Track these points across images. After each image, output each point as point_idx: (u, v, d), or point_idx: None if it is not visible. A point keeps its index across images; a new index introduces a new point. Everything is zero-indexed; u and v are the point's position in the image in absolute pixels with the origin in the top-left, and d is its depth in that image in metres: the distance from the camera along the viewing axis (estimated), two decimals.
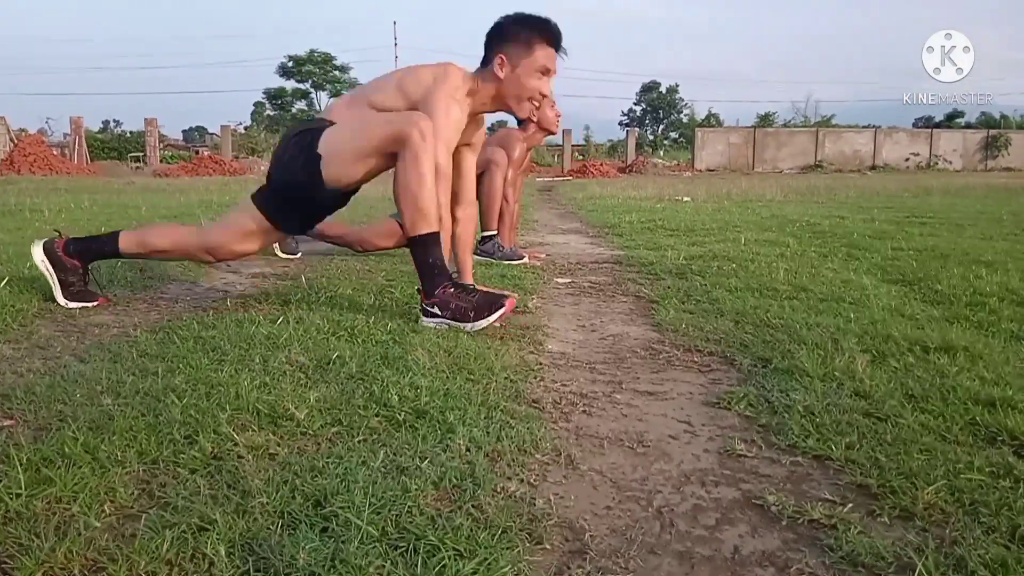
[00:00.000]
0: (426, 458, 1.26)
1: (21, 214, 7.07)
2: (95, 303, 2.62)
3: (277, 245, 4.28)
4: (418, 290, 2.35)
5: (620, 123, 60.21)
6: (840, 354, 1.92)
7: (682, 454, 1.40)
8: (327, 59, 42.39)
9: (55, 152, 26.93)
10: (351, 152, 2.38)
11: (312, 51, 42.61)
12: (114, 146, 33.36)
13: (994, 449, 1.36)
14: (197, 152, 34.99)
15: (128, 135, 34.98)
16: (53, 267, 2.61)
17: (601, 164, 27.61)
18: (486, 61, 2.54)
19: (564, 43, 2.55)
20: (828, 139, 32.63)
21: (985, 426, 1.45)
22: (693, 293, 2.90)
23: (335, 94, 43.88)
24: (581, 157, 31.96)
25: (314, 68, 42.37)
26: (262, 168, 26.48)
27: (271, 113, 46.13)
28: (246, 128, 39.18)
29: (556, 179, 23.82)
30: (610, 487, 1.24)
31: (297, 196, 2.51)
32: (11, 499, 1.09)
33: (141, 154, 29.82)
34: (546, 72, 2.52)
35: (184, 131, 58.99)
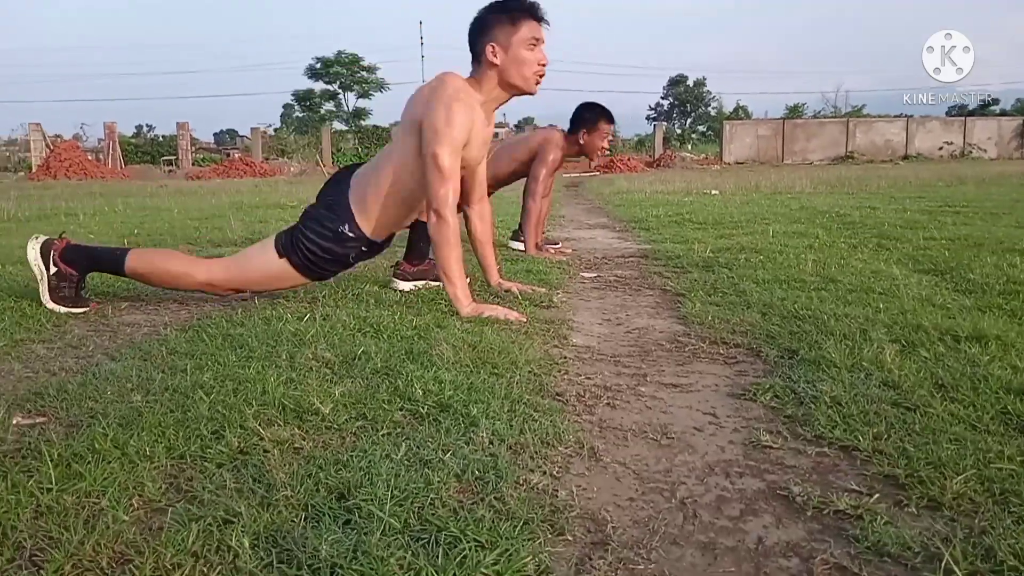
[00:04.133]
0: (449, 451, 1.26)
1: (56, 218, 7.22)
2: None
3: None
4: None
5: (647, 117, 59.84)
6: (869, 344, 1.89)
7: (706, 446, 1.39)
8: (354, 60, 42.59)
9: (90, 157, 27.38)
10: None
11: (340, 52, 42.86)
12: (147, 150, 33.79)
13: None
14: (228, 155, 35.37)
15: (161, 139, 35.41)
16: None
17: (628, 159, 27.45)
18: (477, 58, 2.54)
19: (547, 16, 2.56)
20: (859, 129, 32.16)
21: (1017, 415, 1.42)
22: (720, 286, 2.87)
23: (363, 95, 44.16)
24: (608, 152, 31.81)
25: (342, 69, 42.58)
26: (292, 169, 26.85)
27: (300, 115, 46.47)
28: (276, 130, 39.52)
29: (583, 174, 23.74)
30: (633, 479, 1.24)
31: (327, 250, 2.58)
32: (42, 494, 1.11)
33: (173, 157, 30.21)
34: (536, 42, 2.52)
35: (215, 134, 59.68)
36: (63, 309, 2.55)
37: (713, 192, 10.22)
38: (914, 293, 2.58)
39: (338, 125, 39.58)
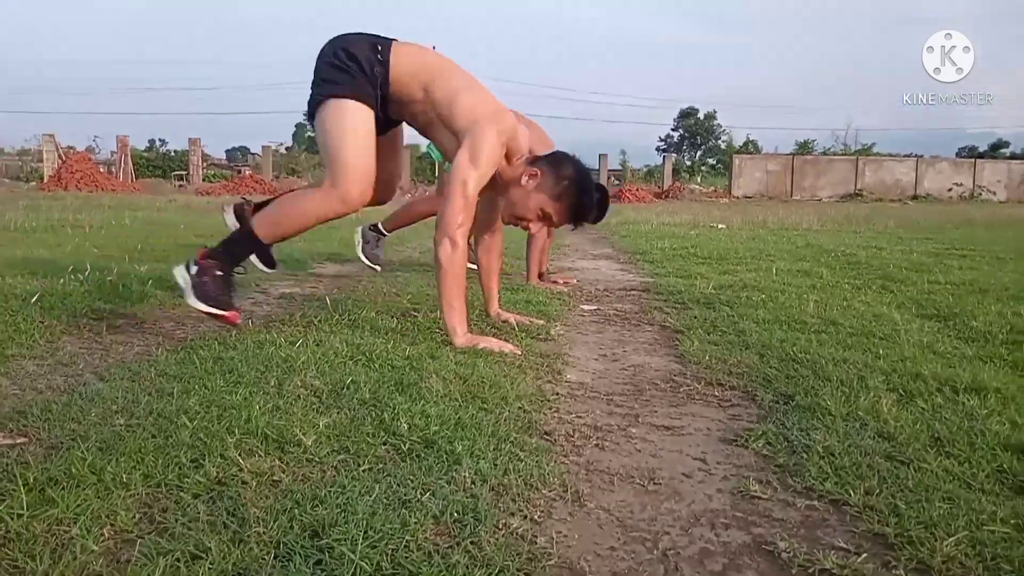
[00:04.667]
0: (429, 490, 1.24)
1: (63, 230, 7.22)
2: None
3: (360, 248, 4.36)
4: (205, 247, 2.50)
5: (657, 148, 60.06)
6: (866, 392, 1.86)
7: (694, 493, 1.36)
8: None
9: (101, 169, 27.57)
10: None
11: None
12: (159, 164, 34.01)
13: (1021, 499, 1.30)
14: (239, 171, 35.63)
15: (172, 154, 35.66)
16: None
17: (637, 189, 27.55)
18: (533, 159, 2.59)
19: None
20: (868, 167, 32.21)
21: (1013, 474, 1.39)
22: (719, 324, 2.85)
23: None
24: (617, 182, 31.89)
25: None
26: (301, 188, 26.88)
27: (312, 134, 46.77)
28: (287, 148, 39.75)
29: None
30: (616, 526, 1.21)
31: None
32: (12, 519, 1.09)
33: (184, 172, 30.39)
34: (552, 223, 2.62)
35: (227, 151, 60.05)
36: (208, 309, 2.42)
37: (720, 226, 10.22)
38: (915, 339, 2.55)
39: None
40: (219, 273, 2.44)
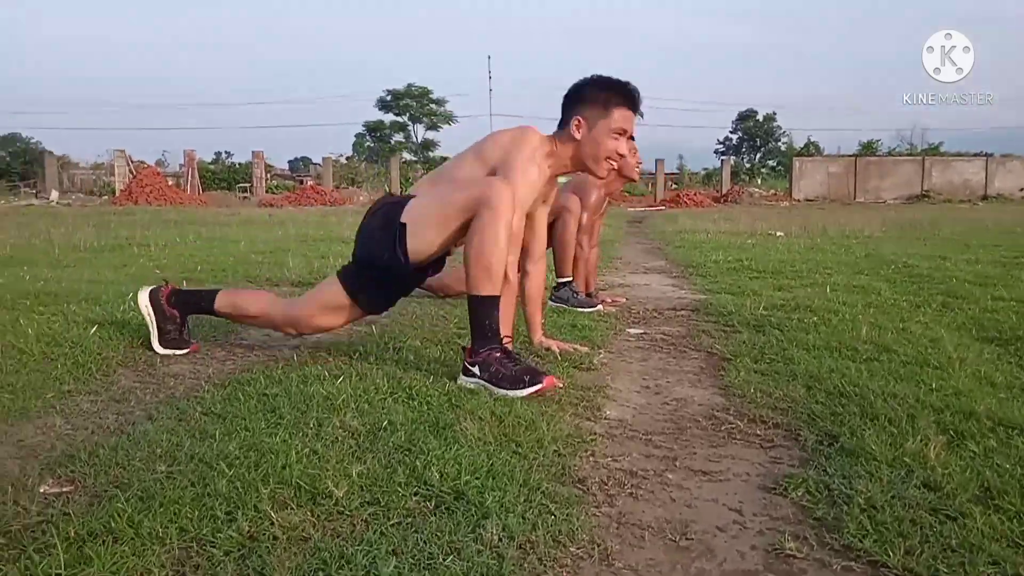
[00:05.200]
0: (456, 549, 1.24)
1: (129, 249, 7.47)
2: (186, 350, 2.74)
3: None
4: (463, 348, 2.35)
5: (716, 151, 59.25)
6: (914, 434, 1.80)
7: (727, 550, 1.33)
8: (424, 93, 43.63)
9: (170, 183, 28.45)
10: (434, 217, 2.43)
11: (410, 85, 43.94)
12: (224, 177, 34.98)
13: None
14: (302, 182, 36.40)
15: (237, 166, 36.62)
16: (155, 314, 2.73)
17: (695, 193, 27.24)
18: (563, 123, 2.56)
19: (642, 105, 2.57)
20: (935, 168, 31.28)
21: None
22: (768, 350, 2.80)
23: (431, 127, 44.95)
24: (675, 186, 31.58)
25: (411, 102, 43.67)
26: (361, 199, 27.36)
27: (371, 145, 47.54)
28: (348, 159, 40.45)
29: (648, 209, 23.62)
30: None
31: (380, 271, 2.55)
32: None
33: (248, 185, 31.15)
34: (622, 133, 2.53)
35: (290, 161, 61.43)
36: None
37: (778, 234, 10.04)
38: (972, 369, 2.46)
39: (407, 156, 40.35)
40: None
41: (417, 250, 2.44)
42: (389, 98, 44.03)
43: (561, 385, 2.29)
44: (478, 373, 2.27)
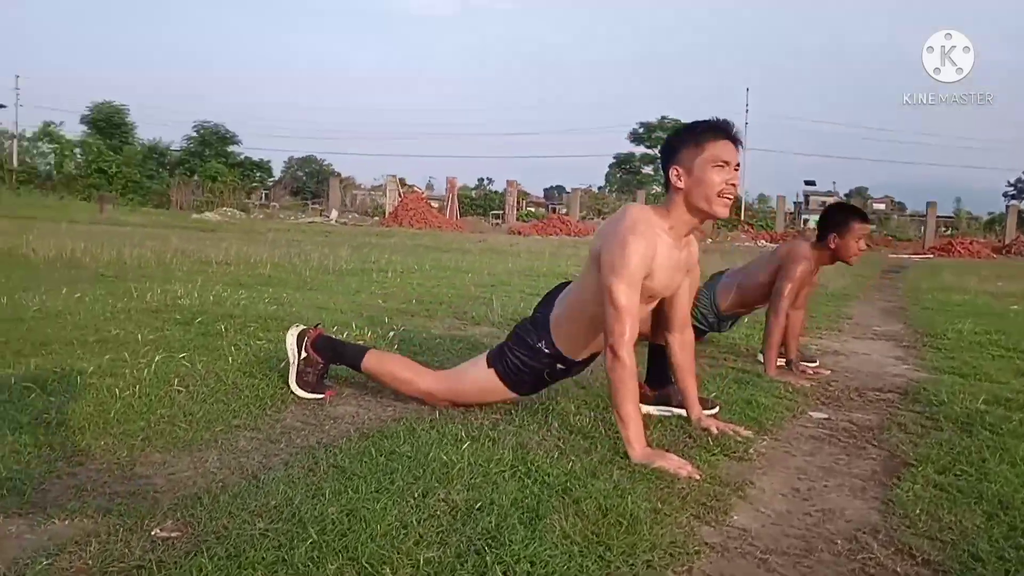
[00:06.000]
0: None
1: (369, 274, 8.11)
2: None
3: None
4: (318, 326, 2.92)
5: (1004, 194, 52.95)
6: None
7: None
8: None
9: (434, 206, 30.63)
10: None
11: (663, 118, 43.78)
12: (480, 203, 37.05)
13: None
14: (554, 210, 37.58)
15: (493, 193, 38.64)
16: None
17: (971, 242, 24.54)
18: (665, 183, 2.49)
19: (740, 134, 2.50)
20: None
21: None
22: (964, 459, 2.43)
23: None
24: (949, 232, 28.63)
25: (663, 134, 43.39)
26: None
27: (623, 176, 47.98)
28: (599, 189, 41.14)
29: (914, 256, 21.64)
30: None
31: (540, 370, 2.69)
32: None
33: (501, 212, 32.71)
34: (726, 164, 2.40)
35: (545, 189, 63.74)
36: (304, 394, 2.81)
37: None
38: None
39: (657, 188, 40.23)
40: (321, 366, 2.88)
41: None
42: (642, 130, 44.22)
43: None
44: (299, 355, 2.83)
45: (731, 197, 2.44)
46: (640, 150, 45.53)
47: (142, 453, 2.16)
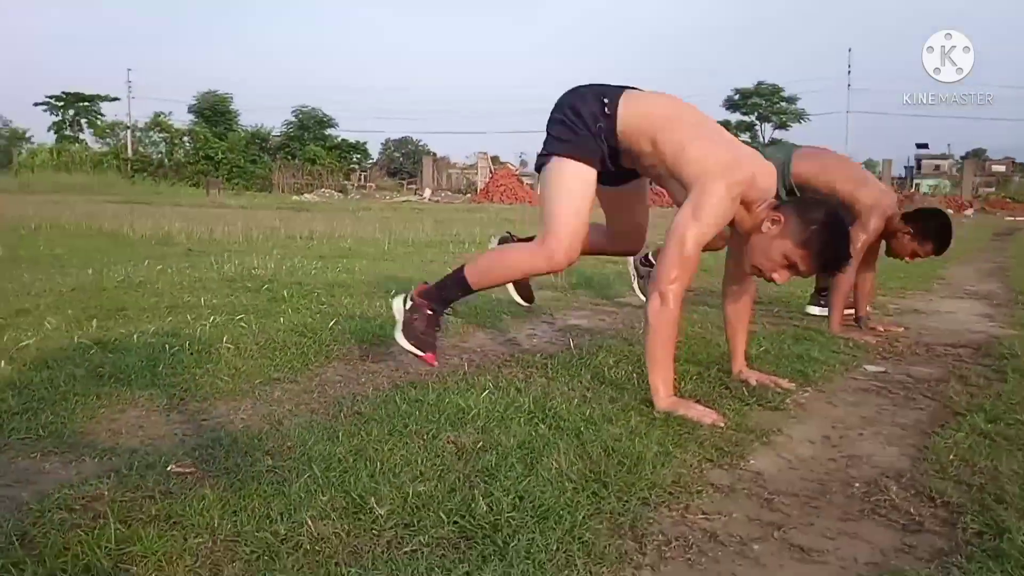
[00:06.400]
0: None
1: (446, 246, 8.21)
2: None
3: (636, 283, 4.27)
4: (425, 282, 2.63)
5: None
6: None
7: None
8: (775, 91, 41.80)
9: (526, 183, 30.64)
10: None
11: (759, 83, 42.33)
12: None
13: None
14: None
15: None
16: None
17: None
18: (772, 213, 2.38)
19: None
20: None
21: None
22: (1021, 408, 2.29)
23: (780, 126, 43.03)
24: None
25: (760, 100, 42.10)
26: None
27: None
28: None
29: None
30: None
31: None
32: (98, 551, 1.31)
33: None
34: (795, 271, 2.39)
35: None
36: (407, 346, 2.50)
37: None
38: None
39: None
40: (429, 312, 2.50)
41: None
42: (737, 97, 42.93)
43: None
44: (406, 307, 2.55)
45: (768, 278, 2.45)
46: (736, 117, 44.26)
47: (181, 402, 2.26)
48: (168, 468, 1.71)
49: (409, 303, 2.56)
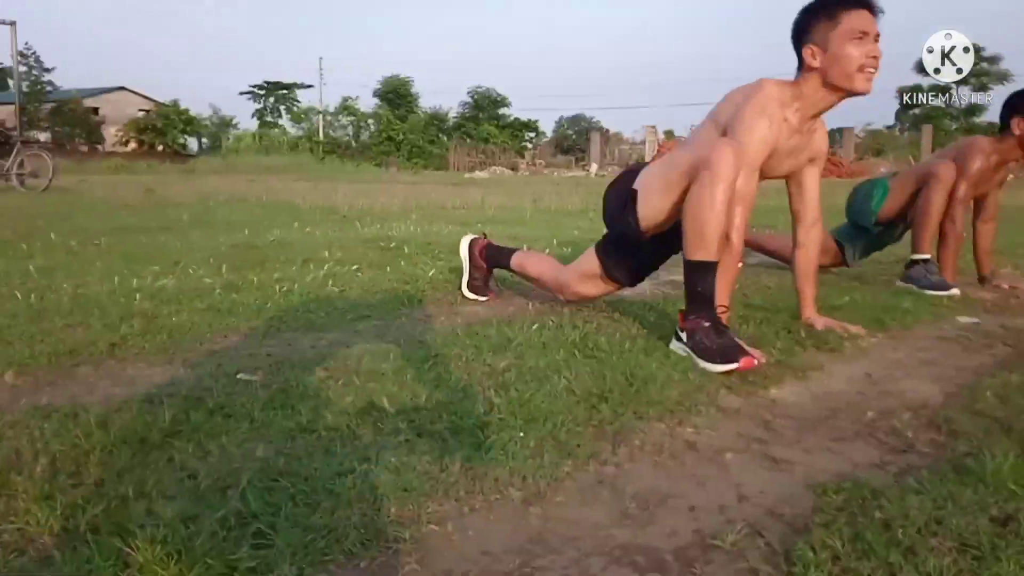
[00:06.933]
0: (396, 468, 1.39)
1: (586, 214, 8.32)
2: (485, 298, 3.08)
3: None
4: (680, 311, 2.30)
5: None
6: None
7: (666, 533, 1.24)
8: (976, 51, 38.07)
9: None
10: (660, 182, 2.40)
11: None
12: None
13: None
14: (834, 153, 35.12)
15: None
16: (469, 260, 3.13)
17: None
18: (798, 64, 2.38)
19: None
20: None
21: None
22: None
23: (979, 88, 39.20)
24: None
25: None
26: (882, 170, 25.30)
27: (916, 112, 43.45)
28: (887, 128, 37.77)
29: None
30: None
31: (621, 240, 2.62)
32: (153, 430, 1.59)
33: None
34: (865, 35, 2.28)
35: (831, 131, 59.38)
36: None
37: None
38: None
39: (948, 123, 36.16)
40: (706, 324, 2.20)
41: (647, 216, 2.43)
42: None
43: (762, 361, 2.13)
44: (685, 340, 2.24)
45: (874, 70, 2.32)
46: (929, 81, 40.65)
47: (277, 331, 2.57)
48: (237, 375, 2.00)
49: (684, 335, 2.25)
